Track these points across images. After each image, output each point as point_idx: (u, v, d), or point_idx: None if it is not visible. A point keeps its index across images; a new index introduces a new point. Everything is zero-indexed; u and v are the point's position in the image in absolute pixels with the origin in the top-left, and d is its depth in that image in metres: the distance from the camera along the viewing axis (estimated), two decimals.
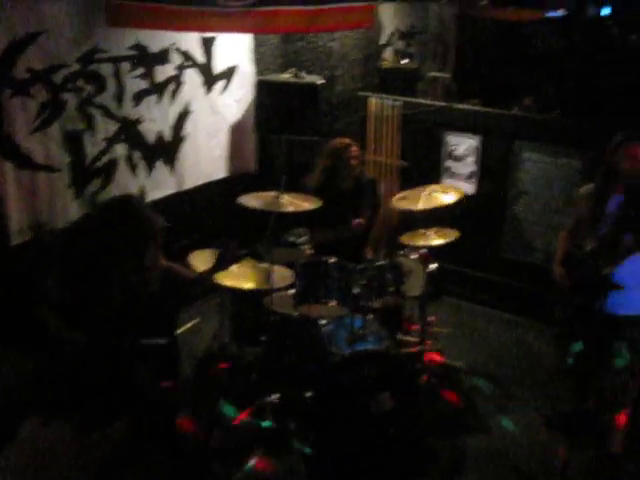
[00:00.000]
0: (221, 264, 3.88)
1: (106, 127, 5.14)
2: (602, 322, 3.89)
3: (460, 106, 6.39)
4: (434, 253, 5.03)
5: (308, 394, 4.45)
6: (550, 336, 5.46)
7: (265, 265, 4.28)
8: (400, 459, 4.35)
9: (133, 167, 5.43)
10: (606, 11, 12.75)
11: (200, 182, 6.12)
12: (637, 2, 10.80)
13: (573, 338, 4.23)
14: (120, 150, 5.29)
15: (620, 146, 3.91)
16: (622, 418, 4.21)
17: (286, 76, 6.23)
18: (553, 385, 5.04)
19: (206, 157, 6.12)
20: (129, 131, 5.32)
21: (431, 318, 5.34)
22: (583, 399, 4.30)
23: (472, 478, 4.24)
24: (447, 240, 5.03)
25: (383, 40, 8.04)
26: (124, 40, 5.15)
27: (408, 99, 6.63)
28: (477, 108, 6.40)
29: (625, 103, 6.72)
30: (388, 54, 8.35)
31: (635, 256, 3.83)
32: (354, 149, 5.23)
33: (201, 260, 4.27)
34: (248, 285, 4.32)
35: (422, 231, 4.88)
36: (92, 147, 5.06)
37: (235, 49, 6.19)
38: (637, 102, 6.37)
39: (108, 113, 5.13)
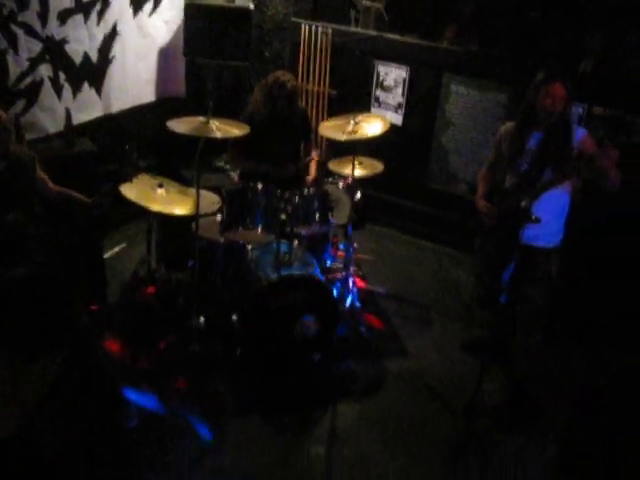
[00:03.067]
0: (121, 177, 3.95)
1: (29, 47, 4.98)
2: (520, 253, 4.04)
3: (390, 36, 6.40)
4: (361, 182, 5.11)
5: (234, 317, 4.54)
6: (469, 265, 5.67)
7: (193, 190, 4.28)
8: (322, 381, 4.51)
9: (58, 89, 5.30)
10: None
11: (128, 106, 6.03)
12: None
13: (492, 268, 4.42)
14: (44, 71, 5.15)
15: (541, 84, 3.99)
16: (532, 343, 4.44)
17: (218, 0, 6.12)
18: (470, 311, 5.26)
19: (134, 80, 6.02)
20: (54, 51, 5.17)
21: (355, 245, 5.45)
22: (497, 325, 4.49)
23: (390, 398, 4.42)
24: (373, 172, 5.11)
25: None
26: None
27: (339, 27, 6.61)
28: (407, 39, 6.41)
29: (555, 39, 6.80)
30: None
31: (552, 191, 3.97)
32: (293, 86, 5.14)
33: (128, 184, 4.24)
34: (176, 210, 4.32)
35: (349, 159, 4.93)
36: (15, 67, 4.92)
37: None
38: (563, 39, 6.45)
39: (31, 32, 4.97)
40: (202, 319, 4.52)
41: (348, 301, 5.02)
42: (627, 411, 3.33)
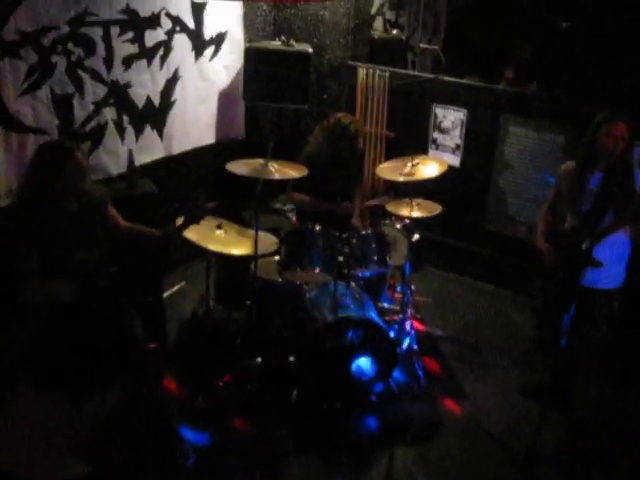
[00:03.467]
0: (188, 219, 4.00)
1: (95, 91, 5.13)
2: (580, 296, 3.97)
3: (447, 78, 6.42)
4: (418, 223, 5.11)
5: (291, 358, 4.54)
6: (529, 308, 5.58)
7: (251, 231, 4.34)
8: (379, 424, 4.46)
9: (121, 131, 5.44)
10: None
11: (188, 148, 6.13)
12: None
13: (552, 311, 4.34)
14: (109, 114, 5.29)
15: (602, 124, 3.97)
16: (594, 388, 4.35)
17: (276, 43, 6.23)
18: (530, 355, 5.16)
19: (194, 123, 6.13)
20: (118, 95, 5.32)
21: (412, 287, 5.43)
22: (558, 368, 4.41)
23: (448, 442, 4.35)
24: (430, 213, 5.10)
25: (373, 10, 8.02)
26: (114, 3, 5.11)
27: (396, 70, 6.66)
28: (464, 81, 6.44)
29: (611, 81, 6.76)
30: (378, 24, 8.34)
31: (613, 234, 3.91)
32: (355, 127, 5.20)
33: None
34: (234, 251, 4.37)
35: (407, 201, 4.94)
36: (81, 110, 5.06)
37: (225, 15, 6.17)
38: (624, 81, 6.41)
39: (97, 77, 5.11)
40: (259, 359, 4.52)
41: (405, 343, 4.98)
42: None
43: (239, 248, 4.39)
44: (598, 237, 3.84)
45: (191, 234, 4.29)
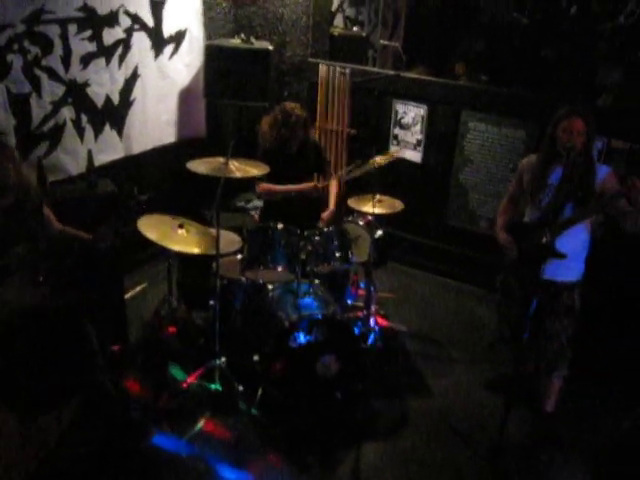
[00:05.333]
0: (121, 217, 3.99)
1: (53, 90, 5.06)
2: (542, 289, 4.01)
3: (408, 75, 6.45)
4: (381, 219, 5.11)
5: (255, 357, 4.51)
6: (492, 302, 5.62)
7: (213, 230, 4.30)
8: (345, 421, 4.46)
9: (80, 131, 5.37)
10: None
11: (149, 147, 6.09)
12: None
13: (514, 305, 4.38)
14: (67, 113, 5.22)
15: (561, 119, 4.00)
16: (558, 380, 4.39)
17: (236, 41, 6.20)
18: (493, 349, 5.21)
19: (155, 122, 6.09)
20: (76, 94, 5.25)
21: (376, 283, 5.44)
22: (522, 361, 4.45)
23: (414, 438, 4.36)
24: (392, 210, 5.11)
25: (333, 7, 8.03)
26: (71, 1, 5.05)
27: (357, 67, 6.67)
28: (425, 77, 6.47)
29: (569, 76, 6.84)
30: (338, 21, 8.35)
31: (574, 227, 3.94)
32: (297, 116, 5.16)
33: (148, 225, 4.27)
34: (196, 250, 4.33)
35: (369, 197, 4.94)
36: (38, 110, 4.99)
37: (184, 13, 6.13)
38: (580, 76, 6.49)
39: (55, 76, 5.05)
40: (223, 359, 4.50)
41: (370, 340, 4.99)
42: None
43: (201, 247, 4.35)
44: (558, 230, 3.87)
45: (152, 234, 4.25)
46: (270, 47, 6.10)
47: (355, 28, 8.49)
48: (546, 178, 4.11)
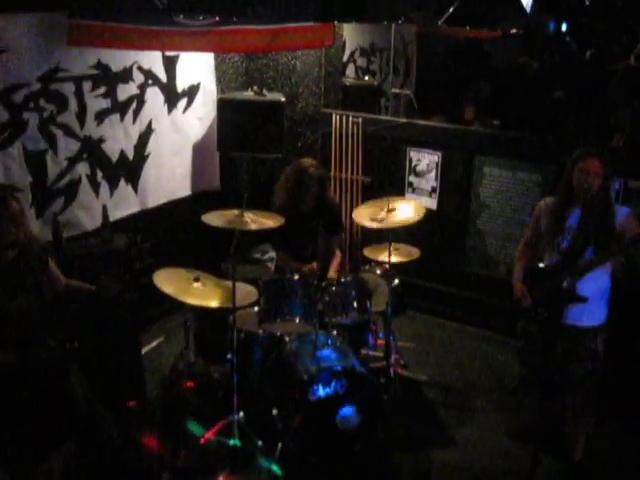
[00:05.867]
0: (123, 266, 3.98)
1: (68, 146, 5.11)
2: (565, 334, 3.94)
3: (421, 122, 6.47)
4: (398, 268, 5.07)
5: (274, 412, 4.44)
6: (513, 349, 5.53)
7: (229, 282, 4.27)
8: (366, 474, 4.36)
9: (96, 186, 5.40)
10: (564, 27, 13.04)
11: (163, 201, 6.10)
12: (591, 18, 11.06)
13: (537, 351, 4.30)
14: (82, 169, 5.26)
15: (577, 161, 3.98)
16: (585, 427, 4.29)
17: (248, 94, 6.25)
18: (517, 397, 5.10)
19: (169, 176, 6.11)
20: (91, 150, 5.30)
21: (395, 333, 5.38)
22: (547, 410, 4.35)
23: None
24: (409, 258, 5.07)
25: (345, 57, 8.11)
26: (86, 59, 5.13)
27: (370, 115, 6.70)
28: (437, 124, 6.50)
29: (582, 118, 6.86)
30: (350, 71, 8.42)
31: (595, 270, 3.89)
32: (311, 174, 5.14)
33: (164, 279, 4.26)
34: (212, 303, 4.30)
35: (385, 245, 4.92)
36: (54, 166, 5.03)
37: (197, 67, 6.21)
38: (592, 117, 6.50)
39: (70, 132, 5.11)
40: (242, 413, 4.43)
41: (390, 390, 4.91)
42: None
43: (217, 300, 4.32)
44: (579, 273, 3.82)
45: (168, 287, 4.23)
46: (282, 98, 6.14)
47: (367, 77, 8.56)
48: (564, 221, 4.07)
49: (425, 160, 6.34)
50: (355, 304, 4.59)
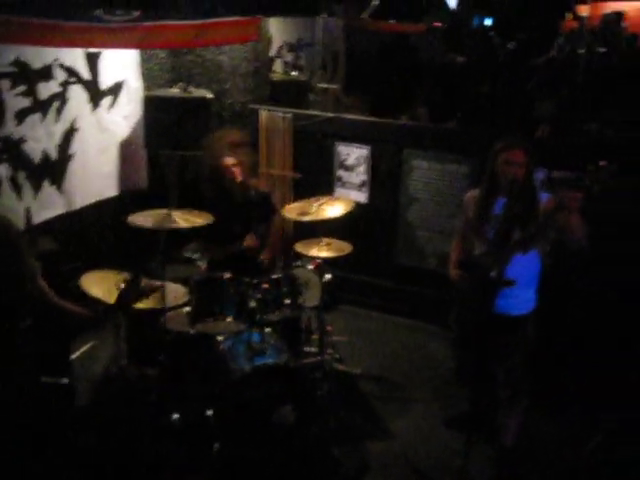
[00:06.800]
0: (122, 301, 3.86)
1: None
2: (495, 323, 4.00)
3: (349, 116, 6.49)
4: (329, 262, 5.08)
5: (209, 412, 4.39)
6: (445, 339, 5.61)
7: (158, 283, 4.20)
8: (305, 470, 4.36)
9: (18, 188, 5.22)
10: (489, 21, 13.26)
11: (90, 201, 5.95)
12: (516, 13, 11.28)
13: (467, 340, 4.36)
14: (3, 171, 5.08)
15: (500, 152, 4.04)
16: (516, 414, 4.36)
17: (174, 90, 6.14)
18: (451, 386, 5.17)
19: (95, 176, 5.97)
20: (12, 151, 5.12)
21: (329, 327, 5.39)
22: (480, 397, 4.42)
23: None
24: (341, 252, 5.09)
25: (272, 53, 8.07)
26: (3, 56, 4.95)
27: (298, 111, 6.69)
28: (366, 118, 6.52)
29: (507, 110, 6.98)
30: (278, 66, 8.39)
31: (522, 256, 3.94)
32: (231, 168, 5.12)
33: (92, 282, 4.16)
34: (142, 305, 4.23)
35: (316, 240, 4.92)
36: None
37: (121, 64, 6.07)
38: (517, 109, 6.62)
39: None
40: (176, 416, 4.37)
41: (326, 386, 4.91)
42: None
43: (148, 302, 4.25)
44: (505, 258, 3.85)
45: (96, 290, 4.14)
46: (209, 95, 6.06)
47: (294, 73, 8.54)
48: (490, 211, 4.11)
49: (354, 154, 6.36)
50: (287, 301, 4.57)
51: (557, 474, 4.37)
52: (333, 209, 4.83)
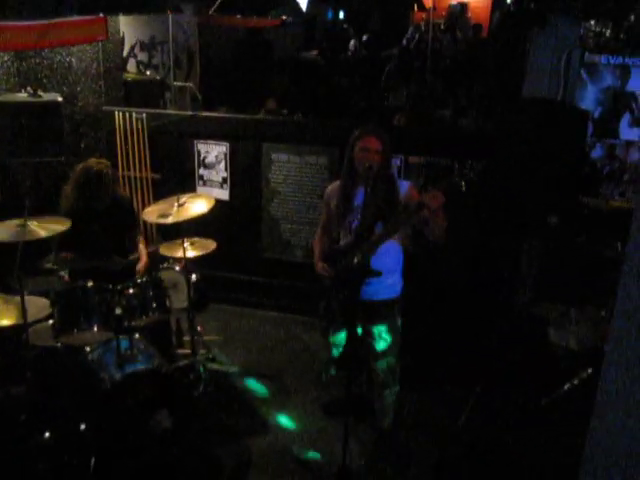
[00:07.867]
0: None
1: None
2: (362, 309, 4.07)
3: (205, 114, 6.45)
4: (196, 262, 5.03)
5: (82, 426, 4.26)
6: (317, 329, 5.68)
7: (17, 297, 4.03)
8: (188, 472, 4.31)
9: None
10: (341, 14, 13.52)
11: None
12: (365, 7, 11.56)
13: (337, 328, 4.43)
14: None
15: (356, 139, 4.10)
16: (391, 397, 4.48)
17: (22, 95, 5.90)
18: (327, 375, 5.25)
19: None
20: None
21: (200, 327, 5.35)
22: (354, 383, 4.50)
23: (261, 478, 4.30)
24: (206, 251, 5.05)
25: (125, 52, 7.90)
26: None
27: (154, 111, 6.57)
28: (222, 115, 6.51)
29: (364, 101, 7.14)
30: (131, 66, 8.22)
31: (386, 245, 4.03)
32: (97, 170, 4.94)
33: None
34: (3, 322, 4.05)
35: (180, 241, 4.87)
36: None
37: None
38: (373, 99, 6.80)
39: None
40: (47, 434, 4.21)
41: (201, 387, 4.88)
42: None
43: (7, 318, 4.08)
44: (370, 249, 3.93)
45: None
46: (59, 98, 5.85)
47: (149, 72, 8.39)
48: (351, 201, 4.17)
49: (213, 152, 6.32)
50: (154, 304, 4.48)
51: (430, 452, 4.51)
52: (195, 207, 4.78)
